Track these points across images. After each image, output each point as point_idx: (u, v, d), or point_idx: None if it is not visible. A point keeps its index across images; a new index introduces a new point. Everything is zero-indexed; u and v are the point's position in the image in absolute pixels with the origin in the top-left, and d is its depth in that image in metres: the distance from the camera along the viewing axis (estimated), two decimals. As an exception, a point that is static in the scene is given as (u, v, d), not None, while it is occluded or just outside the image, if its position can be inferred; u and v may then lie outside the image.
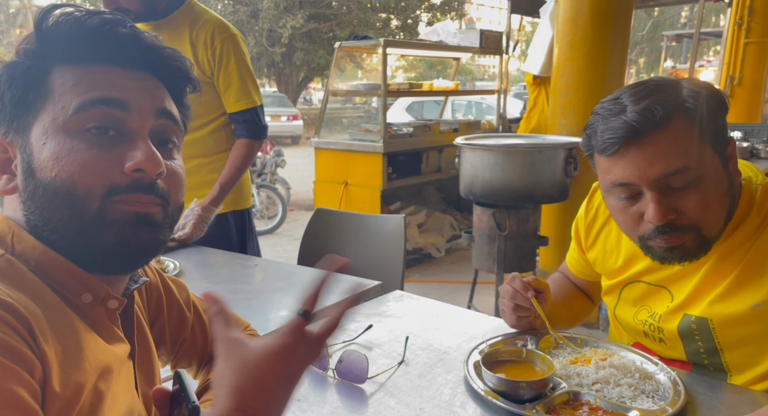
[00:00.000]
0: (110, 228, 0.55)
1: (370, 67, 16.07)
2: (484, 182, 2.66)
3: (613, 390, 0.89)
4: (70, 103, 0.55)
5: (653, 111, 0.79)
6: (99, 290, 0.57)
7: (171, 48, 0.62)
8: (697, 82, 0.85)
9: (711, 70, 8.37)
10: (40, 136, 0.55)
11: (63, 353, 0.51)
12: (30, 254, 0.55)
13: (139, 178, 0.56)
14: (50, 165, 0.54)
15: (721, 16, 17.45)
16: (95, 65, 0.57)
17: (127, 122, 0.57)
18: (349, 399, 0.94)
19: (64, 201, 0.54)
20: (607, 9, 2.90)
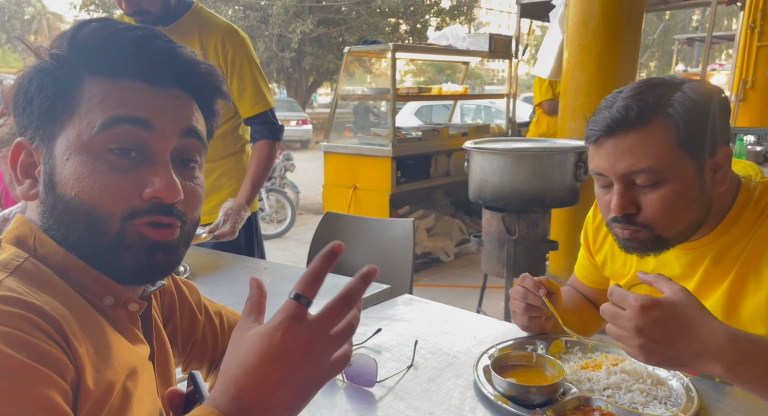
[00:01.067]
0: (127, 251, 0.55)
1: (379, 71, 16.12)
2: (494, 186, 2.65)
3: (625, 396, 0.88)
4: (95, 120, 0.55)
5: (630, 110, 0.82)
6: (120, 293, 0.58)
7: (206, 63, 0.62)
8: (700, 86, 0.85)
9: (723, 73, 8.29)
10: (63, 150, 0.55)
11: (94, 352, 0.52)
12: (52, 258, 0.55)
13: (157, 202, 0.56)
14: (71, 183, 0.54)
15: (733, 19, 17.31)
16: (125, 80, 0.57)
17: (149, 143, 0.56)
18: (358, 402, 0.93)
19: (83, 221, 0.54)
20: (618, 12, 2.89)
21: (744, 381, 0.68)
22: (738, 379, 0.68)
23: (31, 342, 0.46)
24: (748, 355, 0.67)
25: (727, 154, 0.86)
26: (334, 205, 3.98)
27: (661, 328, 0.69)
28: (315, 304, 0.50)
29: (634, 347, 0.70)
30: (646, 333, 0.69)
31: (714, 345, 0.67)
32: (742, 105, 4.78)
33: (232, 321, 0.87)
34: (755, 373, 0.67)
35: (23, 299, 0.48)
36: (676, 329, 0.68)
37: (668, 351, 0.69)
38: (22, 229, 0.57)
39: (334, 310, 0.49)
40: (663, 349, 0.69)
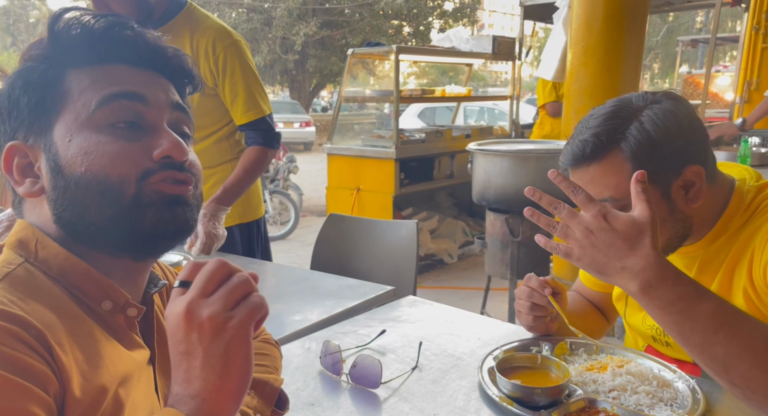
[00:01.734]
0: (148, 209, 0.56)
1: (382, 73, 16.13)
2: (497, 188, 2.65)
3: (631, 398, 0.88)
4: (91, 99, 0.56)
5: (586, 145, 0.88)
6: (118, 297, 0.58)
7: (173, 47, 0.64)
8: (662, 110, 0.86)
9: (727, 75, 8.26)
10: (64, 134, 0.56)
11: (83, 361, 0.51)
12: (53, 260, 0.55)
13: (169, 162, 0.58)
14: (79, 160, 0.55)
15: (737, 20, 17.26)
16: (108, 64, 0.59)
17: (147, 115, 0.58)
18: (362, 404, 0.93)
19: (98, 191, 0.55)
20: (622, 14, 2.88)
21: (652, 306, 0.71)
22: (648, 302, 0.71)
23: (11, 356, 0.45)
24: (665, 282, 0.70)
25: (696, 172, 0.87)
26: (338, 206, 3.99)
27: (605, 237, 0.72)
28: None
29: (576, 246, 0.74)
30: (592, 236, 0.72)
31: (640, 265, 0.71)
32: (747, 106, 4.76)
33: None
34: (665, 299, 0.69)
35: (5, 309, 0.47)
36: (617, 243, 0.72)
37: (600, 257, 0.72)
38: (24, 233, 0.57)
39: (202, 279, 0.49)
40: (596, 254, 0.73)
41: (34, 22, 32.42)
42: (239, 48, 1.69)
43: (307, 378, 1.01)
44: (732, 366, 0.66)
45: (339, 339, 1.16)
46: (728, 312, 0.68)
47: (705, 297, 0.69)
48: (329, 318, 1.28)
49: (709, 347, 0.67)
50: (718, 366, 0.67)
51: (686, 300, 0.68)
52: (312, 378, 1.01)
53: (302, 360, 1.08)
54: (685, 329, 0.69)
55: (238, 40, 1.71)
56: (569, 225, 0.75)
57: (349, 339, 1.16)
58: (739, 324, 0.67)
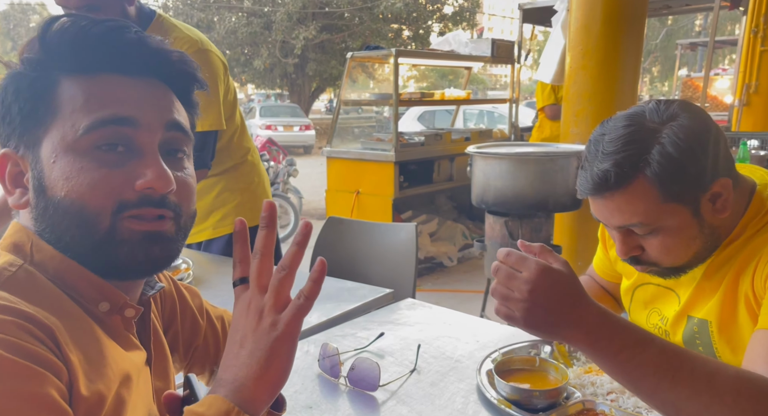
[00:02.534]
0: (121, 246, 0.55)
1: (382, 77, 16.16)
2: (497, 191, 2.65)
3: (629, 400, 0.88)
4: (79, 123, 0.54)
5: (608, 175, 0.83)
6: (116, 298, 0.58)
7: (177, 51, 0.61)
8: (683, 128, 0.81)
9: (726, 78, 8.28)
10: (49, 153, 0.54)
11: (86, 361, 0.52)
12: (49, 263, 0.55)
13: (149, 193, 0.56)
14: (60, 184, 0.54)
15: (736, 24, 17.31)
16: (102, 75, 0.56)
17: (136, 138, 0.56)
18: (360, 406, 0.93)
19: (74, 220, 0.54)
20: (620, 17, 2.89)
21: (599, 356, 0.70)
22: (595, 353, 0.70)
23: (26, 346, 0.46)
24: (610, 333, 0.70)
25: (724, 184, 0.84)
26: (337, 209, 3.99)
27: (551, 294, 0.70)
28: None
29: (519, 309, 0.71)
30: (538, 297, 0.70)
31: (586, 318, 0.70)
32: (746, 109, 4.77)
33: None
34: (610, 350, 0.69)
35: (16, 307, 0.48)
36: (563, 298, 0.70)
37: (548, 317, 0.70)
38: (18, 236, 0.56)
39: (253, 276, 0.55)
40: (544, 315, 0.70)
41: (34, 27, 32.45)
42: (210, 61, 1.65)
43: (306, 381, 1.01)
44: (683, 408, 0.67)
45: (337, 341, 1.16)
46: (672, 356, 0.68)
47: (648, 343, 0.69)
48: (328, 320, 1.28)
49: (659, 393, 0.68)
50: (670, 409, 0.68)
51: (630, 348, 0.69)
52: (310, 381, 1.01)
53: (300, 362, 1.08)
54: (634, 377, 0.69)
55: (205, 49, 1.65)
56: (509, 287, 0.72)
57: (348, 342, 1.16)
58: (681, 368, 0.67)
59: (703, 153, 0.82)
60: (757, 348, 0.76)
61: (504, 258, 0.74)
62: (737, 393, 0.65)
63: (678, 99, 0.91)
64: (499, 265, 0.74)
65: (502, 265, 0.74)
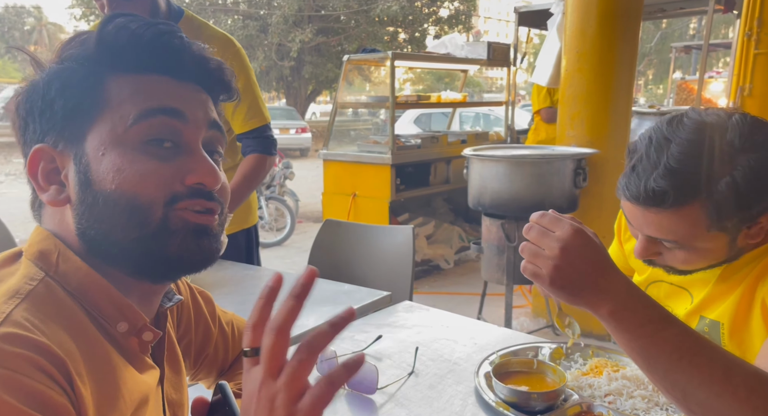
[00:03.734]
0: (173, 237, 0.55)
1: (378, 79, 16.19)
2: (493, 193, 2.66)
3: (626, 402, 0.88)
4: (129, 113, 0.54)
5: (666, 197, 0.77)
6: (136, 320, 0.56)
7: (216, 59, 0.62)
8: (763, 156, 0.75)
9: (721, 81, 8.33)
10: (97, 146, 0.54)
11: (98, 393, 0.50)
12: (73, 275, 0.54)
13: (200, 188, 0.56)
14: (110, 176, 0.53)
15: (730, 27, 17.42)
16: (151, 75, 0.57)
17: (184, 133, 0.57)
18: (358, 409, 0.93)
19: (126, 212, 0.53)
20: (615, 20, 2.91)
21: (619, 328, 0.68)
22: (617, 324, 0.68)
23: (30, 387, 0.44)
24: (635, 305, 0.68)
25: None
26: (334, 212, 3.98)
27: (583, 255, 0.68)
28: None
29: (547, 266, 0.68)
30: (569, 256, 0.67)
31: (614, 285, 0.68)
32: (740, 112, 4.79)
33: (242, 329, 0.86)
34: (633, 322, 0.67)
35: (28, 337, 0.46)
36: (594, 262, 0.68)
37: (576, 278, 0.68)
38: (45, 244, 0.55)
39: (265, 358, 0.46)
40: (573, 275, 0.68)
41: (29, 30, 32.37)
42: (242, 57, 1.72)
43: (303, 384, 1.01)
44: (691, 393, 0.66)
45: (335, 344, 1.15)
46: (692, 340, 0.67)
47: (671, 322, 0.68)
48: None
49: (672, 374, 0.66)
50: (678, 393, 0.67)
51: (654, 324, 0.67)
52: (308, 384, 1.01)
53: (298, 366, 1.07)
54: (650, 354, 0.67)
55: (240, 48, 1.73)
56: (540, 245, 0.69)
57: (346, 345, 1.16)
58: (701, 353, 0.66)
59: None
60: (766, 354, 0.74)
61: (538, 219, 0.72)
62: (752, 389, 0.64)
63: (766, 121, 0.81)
64: (532, 225, 0.72)
65: (536, 225, 0.71)
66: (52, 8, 42.23)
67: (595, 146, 2.89)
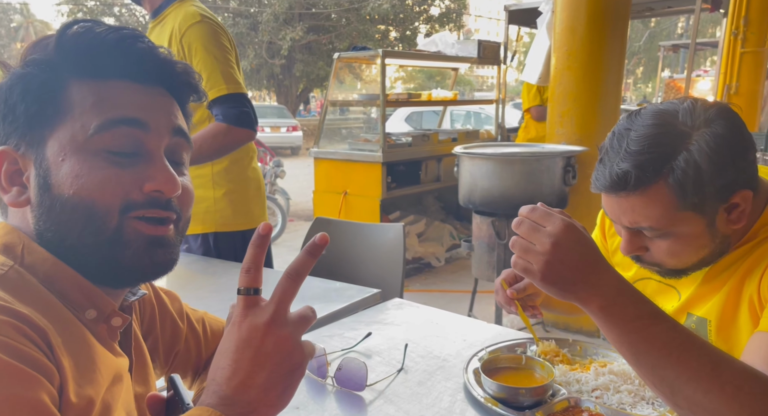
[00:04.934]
0: (126, 248, 0.55)
1: (369, 78, 16.17)
2: (483, 191, 2.67)
3: (613, 397, 0.89)
4: (90, 122, 0.55)
5: (628, 176, 0.80)
6: (104, 306, 0.57)
7: (181, 62, 0.62)
8: (715, 135, 0.77)
9: (708, 79, 8.42)
10: (57, 151, 0.54)
11: (76, 366, 0.51)
12: (40, 266, 0.54)
13: (157, 196, 0.56)
14: (69, 182, 0.54)
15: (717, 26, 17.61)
16: (113, 80, 0.57)
17: (145, 142, 0.57)
18: (347, 406, 0.93)
19: (82, 218, 0.54)
20: (604, 18, 2.93)
21: (609, 324, 0.68)
22: (606, 319, 0.68)
23: (19, 348, 0.45)
24: (625, 300, 0.68)
25: (744, 197, 0.81)
26: (325, 211, 3.98)
27: (574, 251, 0.68)
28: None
29: (538, 262, 0.68)
30: (560, 251, 0.67)
31: (605, 281, 0.68)
32: (727, 110, 4.84)
33: (215, 328, 0.86)
34: (623, 318, 0.67)
35: (12, 307, 0.47)
36: (585, 257, 0.68)
37: (567, 274, 0.68)
38: (10, 237, 0.55)
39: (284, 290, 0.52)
40: (563, 271, 0.68)
41: (15, 27, 31.95)
42: (203, 28, 1.63)
43: (293, 382, 1.00)
44: (679, 389, 0.66)
45: (324, 342, 1.15)
46: (682, 336, 0.67)
47: (661, 319, 0.68)
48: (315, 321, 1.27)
49: (660, 369, 0.67)
50: (666, 388, 0.67)
51: (644, 320, 0.67)
52: (297, 382, 1.00)
53: (287, 363, 1.07)
54: (639, 349, 0.68)
55: (206, 19, 1.65)
56: (531, 239, 0.70)
57: (335, 342, 1.16)
58: (689, 349, 0.66)
59: (731, 165, 0.79)
60: (757, 350, 0.74)
61: (528, 213, 0.72)
62: (739, 386, 0.64)
63: (718, 102, 0.84)
64: (523, 219, 0.72)
65: (526, 219, 0.71)
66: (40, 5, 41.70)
67: (585, 144, 2.91)
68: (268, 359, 0.50)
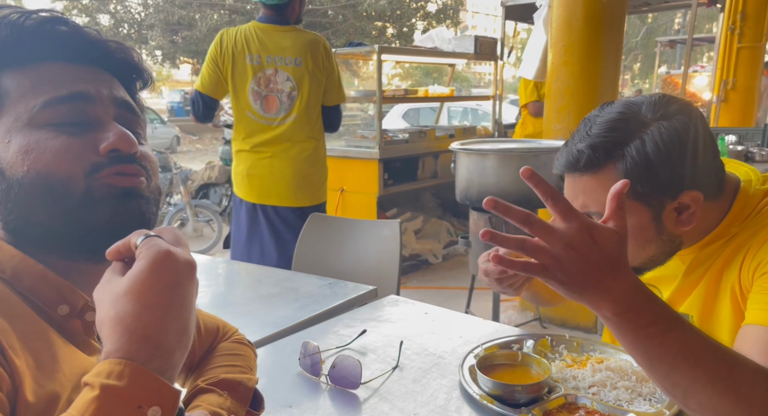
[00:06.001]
0: (100, 205, 0.54)
1: (366, 74, 16.14)
2: (480, 187, 2.65)
3: (610, 393, 0.88)
4: (32, 103, 0.54)
5: (581, 155, 0.83)
6: (76, 300, 0.56)
7: (115, 41, 0.61)
8: (671, 128, 0.79)
9: (705, 75, 8.42)
10: (2, 136, 0.54)
11: (35, 366, 0.50)
12: (6, 263, 0.53)
13: (116, 155, 0.55)
14: (20, 159, 0.53)
15: (714, 22, 17.62)
16: (44, 63, 0.56)
17: (91, 112, 0.56)
18: (342, 404, 0.92)
19: (44, 190, 0.52)
20: (601, 14, 2.92)
21: (623, 328, 0.66)
22: (620, 324, 0.65)
23: None
24: (641, 305, 0.65)
25: (694, 197, 0.82)
26: (322, 207, 3.96)
27: (589, 253, 0.63)
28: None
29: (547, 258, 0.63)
30: (573, 253, 0.63)
31: (620, 285, 0.64)
32: (724, 106, 4.85)
33: (208, 324, 0.84)
34: (638, 323, 0.65)
35: None
36: (601, 261, 0.63)
37: (579, 276, 0.63)
38: None
39: None
40: (575, 272, 0.63)
41: (10, 24, 31.67)
42: (329, 50, 2.48)
43: (286, 380, 0.99)
44: (693, 394, 0.65)
45: (319, 339, 1.14)
46: (698, 341, 0.66)
47: (677, 324, 0.66)
48: (309, 318, 1.26)
49: (674, 375, 0.65)
50: (678, 392, 0.66)
51: (659, 325, 0.65)
52: (290, 380, 0.99)
53: (281, 361, 1.06)
54: (653, 355, 0.66)
55: (327, 44, 2.48)
56: (544, 240, 0.64)
57: (329, 340, 1.15)
58: (705, 354, 0.65)
59: (680, 161, 0.80)
60: (750, 344, 0.74)
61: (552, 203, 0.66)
62: (753, 386, 0.64)
63: (684, 100, 0.86)
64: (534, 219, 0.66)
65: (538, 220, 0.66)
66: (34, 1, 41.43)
67: (582, 139, 2.90)
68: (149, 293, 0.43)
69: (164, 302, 0.42)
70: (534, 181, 0.64)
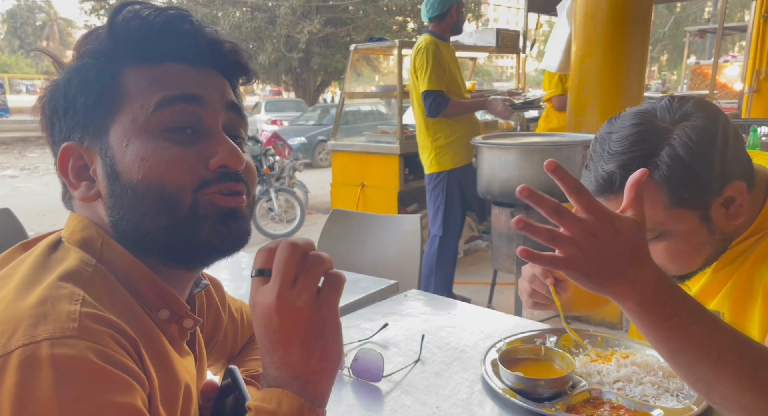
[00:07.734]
0: (203, 223, 0.55)
1: (386, 69, 16.11)
2: (502, 181, 2.63)
3: (636, 389, 0.87)
4: (149, 101, 0.55)
5: (614, 178, 0.79)
6: (178, 307, 0.57)
7: (229, 41, 0.62)
8: (696, 128, 0.77)
9: (736, 65, 8.16)
10: (120, 138, 0.54)
11: (160, 376, 0.52)
12: (118, 262, 0.54)
13: (224, 171, 0.56)
14: (136, 166, 0.54)
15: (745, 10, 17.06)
16: (166, 63, 0.57)
17: (203, 118, 0.57)
18: (364, 397, 0.93)
19: (155, 200, 0.54)
20: (626, 5, 2.85)
21: (645, 320, 0.64)
22: (642, 315, 0.64)
23: (115, 357, 0.46)
24: (664, 296, 0.64)
25: (738, 188, 0.79)
26: (343, 203, 3.98)
27: (613, 243, 0.62)
28: None
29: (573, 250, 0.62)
30: (597, 243, 0.62)
31: (643, 276, 0.63)
32: (756, 96, 4.69)
33: (250, 316, 0.86)
34: (660, 314, 0.63)
35: (107, 317, 0.48)
36: (624, 250, 0.63)
37: (604, 266, 0.62)
38: (88, 232, 0.55)
39: (283, 261, 0.51)
40: (600, 263, 0.62)
41: (40, 25, 32.63)
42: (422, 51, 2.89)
43: (309, 372, 1.00)
44: (716, 388, 0.64)
45: (341, 333, 1.15)
46: (723, 334, 0.64)
47: (702, 316, 0.65)
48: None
49: (697, 368, 0.64)
50: (702, 386, 0.65)
51: (682, 317, 0.64)
52: (314, 372, 1.01)
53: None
54: (676, 347, 0.64)
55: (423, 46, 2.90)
56: (570, 231, 0.63)
57: (352, 333, 1.16)
58: (730, 349, 0.64)
59: (716, 156, 0.77)
60: None
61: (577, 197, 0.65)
62: None
63: (693, 97, 0.84)
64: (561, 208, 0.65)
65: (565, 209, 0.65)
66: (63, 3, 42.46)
67: (606, 133, 2.85)
68: (291, 334, 0.50)
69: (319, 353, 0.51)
70: (558, 174, 0.64)
